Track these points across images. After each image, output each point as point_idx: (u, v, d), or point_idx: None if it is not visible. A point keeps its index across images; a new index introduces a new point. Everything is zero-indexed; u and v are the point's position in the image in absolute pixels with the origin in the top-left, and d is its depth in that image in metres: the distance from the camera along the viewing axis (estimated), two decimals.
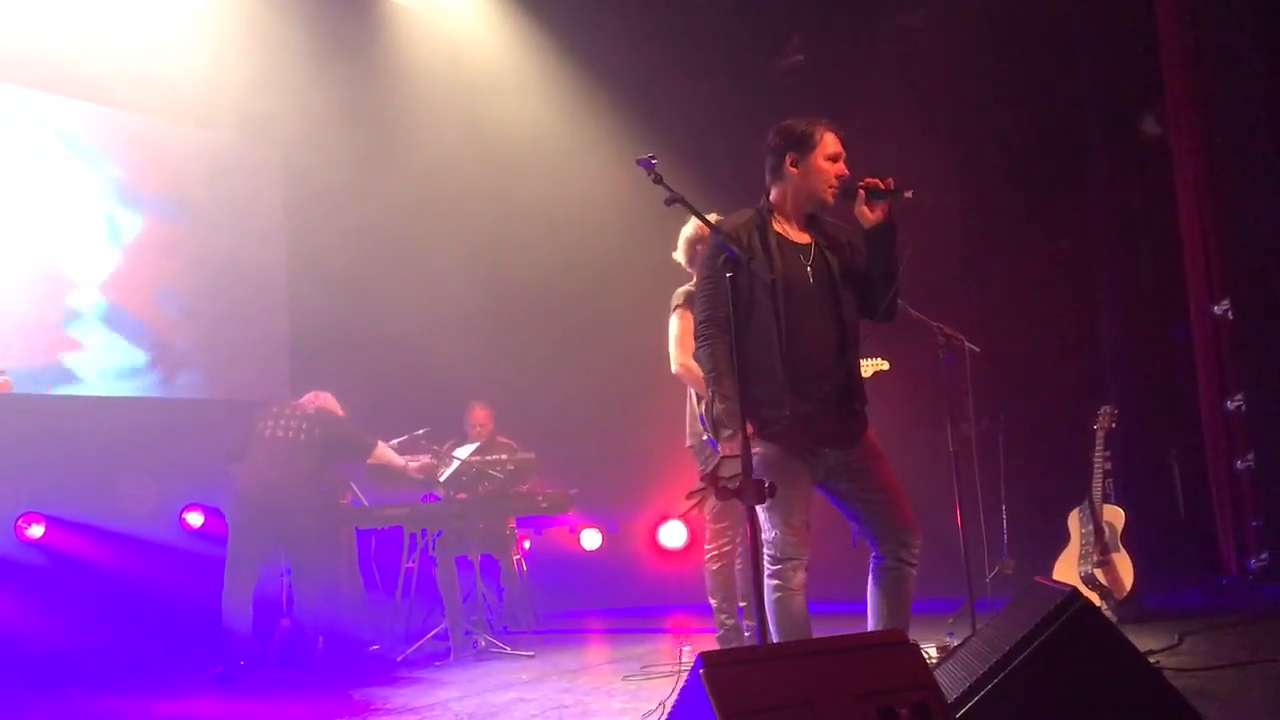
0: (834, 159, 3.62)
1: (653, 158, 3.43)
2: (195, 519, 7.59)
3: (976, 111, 7.61)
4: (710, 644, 6.29)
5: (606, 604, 8.33)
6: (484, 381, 7.85)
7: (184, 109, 7.75)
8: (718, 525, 4.98)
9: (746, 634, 5.02)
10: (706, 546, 5.05)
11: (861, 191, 3.56)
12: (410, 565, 6.96)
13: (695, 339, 3.64)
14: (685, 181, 3.54)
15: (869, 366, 5.26)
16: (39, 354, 7.23)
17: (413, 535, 6.94)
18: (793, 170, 3.63)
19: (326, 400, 6.57)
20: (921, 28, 8.13)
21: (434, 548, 6.74)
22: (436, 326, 8.13)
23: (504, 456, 6.90)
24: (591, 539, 8.48)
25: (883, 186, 3.54)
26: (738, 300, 3.37)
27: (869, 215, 3.56)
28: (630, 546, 8.51)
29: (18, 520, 6.93)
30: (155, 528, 7.40)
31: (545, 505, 7.03)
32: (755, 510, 3.25)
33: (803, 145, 3.61)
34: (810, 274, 3.59)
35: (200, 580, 7.09)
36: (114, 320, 7.62)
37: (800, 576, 3.51)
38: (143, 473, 7.54)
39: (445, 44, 8.27)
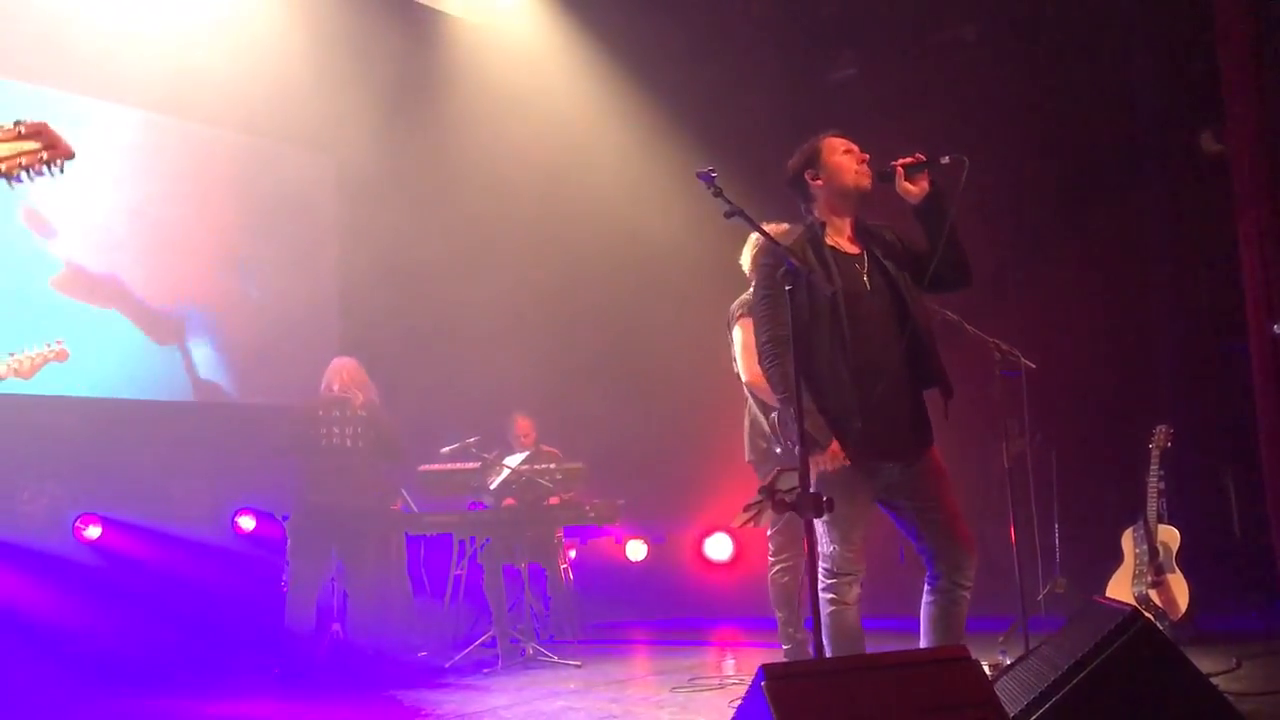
0: (847, 152, 3.69)
1: (712, 171, 3.43)
2: (247, 523, 7.68)
3: (1028, 124, 7.55)
4: (757, 657, 6.28)
5: (651, 615, 8.33)
6: (529, 391, 7.89)
7: (243, 119, 7.86)
8: (781, 538, 4.95)
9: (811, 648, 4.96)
10: (771, 559, 5.01)
11: (900, 169, 3.59)
12: (459, 572, 7.01)
13: (760, 358, 3.65)
14: (741, 194, 3.55)
15: None
16: (98, 358, 7.35)
17: (461, 542, 7.00)
18: (817, 183, 3.69)
19: (353, 372, 6.58)
20: (974, 40, 8.08)
21: (481, 555, 6.80)
22: (484, 335, 8.19)
23: (552, 466, 6.93)
24: (637, 550, 8.49)
25: (915, 161, 3.58)
26: (798, 315, 3.39)
27: (912, 190, 3.60)
28: (676, 558, 8.51)
29: (76, 521, 7.05)
30: (208, 530, 7.50)
31: (593, 515, 7.05)
32: (813, 524, 3.25)
33: (814, 160, 3.70)
34: (867, 282, 3.62)
35: (251, 583, 7.19)
36: (171, 325, 7.72)
37: (855, 591, 3.52)
38: (196, 476, 7.65)
39: (500, 55, 8.33)
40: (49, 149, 2.39)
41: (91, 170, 7.36)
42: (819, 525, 3.47)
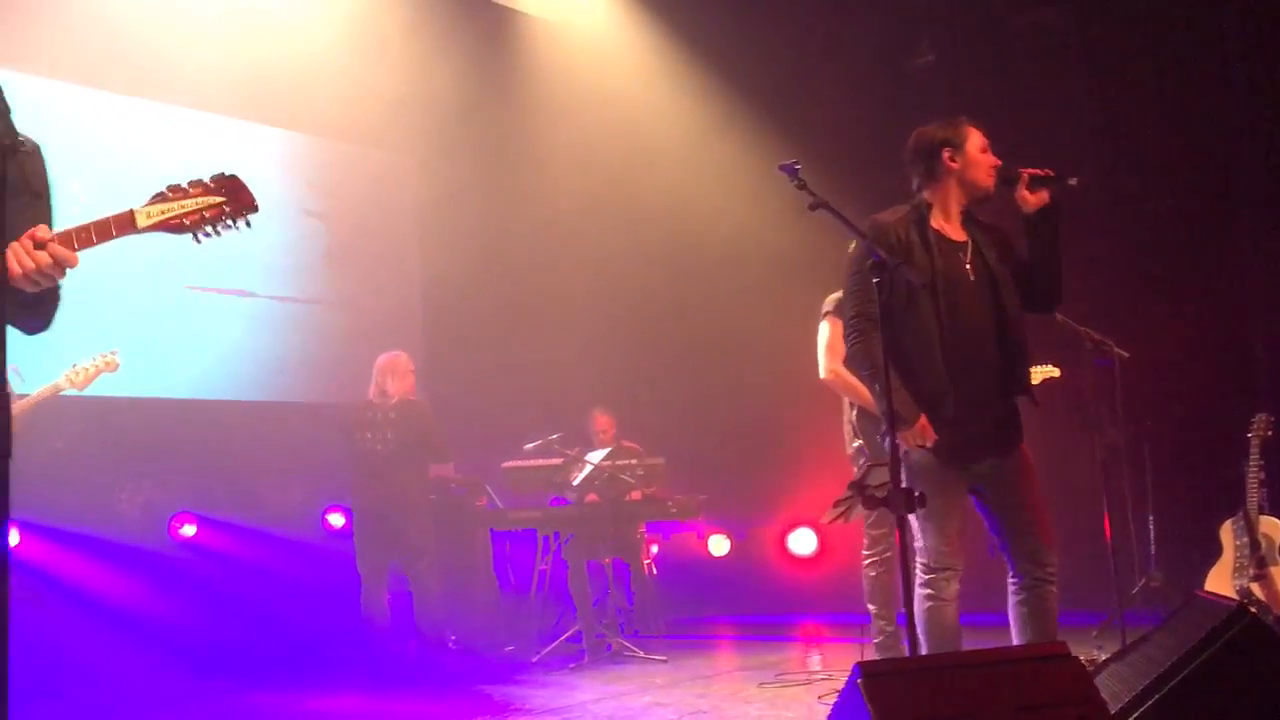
0: (985, 149, 3.66)
1: (796, 163, 3.42)
2: (337, 520, 7.81)
3: (1118, 112, 7.36)
4: (843, 653, 6.24)
5: (734, 610, 8.30)
6: (609, 387, 7.91)
7: (323, 123, 7.99)
8: (876, 531, 4.90)
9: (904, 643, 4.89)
10: (865, 552, 4.96)
11: (1025, 175, 3.55)
12: (543, 567, 7.05)
13: (845, 337, 3.64)
14: (823, 183, 3.52)
15: (1039, 373, 5.08)
16: (193, 360, 7.53)
17: (545, 538, 7.04)
18: (953, 165, 3.63)
19: (398, 364, 6.62)
20: (1058, 25, 7.90)
21: (565, 550, 6.84)
22: (565, 332, 8.24)
23: (634, 461, 6.94)
24: (719, 545, 8.47)
25: (1044, 175, 3.54)
26: (895, 298, 3.39)
27: (1031, 200, 3.56)
28: (758, 553, 8.46)
29: (172, 520, 7.23)
30: (299, 527, 7.65)
31: (675, 511, 7.05)
32: (905, 518, 3.22)
33: (955, 140, 3.64)
34: (970, 271, 3.57)
35: (342, 579, 7.31)
36: (261, 328, 7.89)
37: (954, 588, 3.46)
38: (287, 474, 7.80)
39: (577, 52, 8.37)
40: (234, 202, 2.38)
41: (181, 176, 7.54)
42: (914, 520, 3.44)
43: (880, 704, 2.36)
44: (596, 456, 6.78)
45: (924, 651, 3.37)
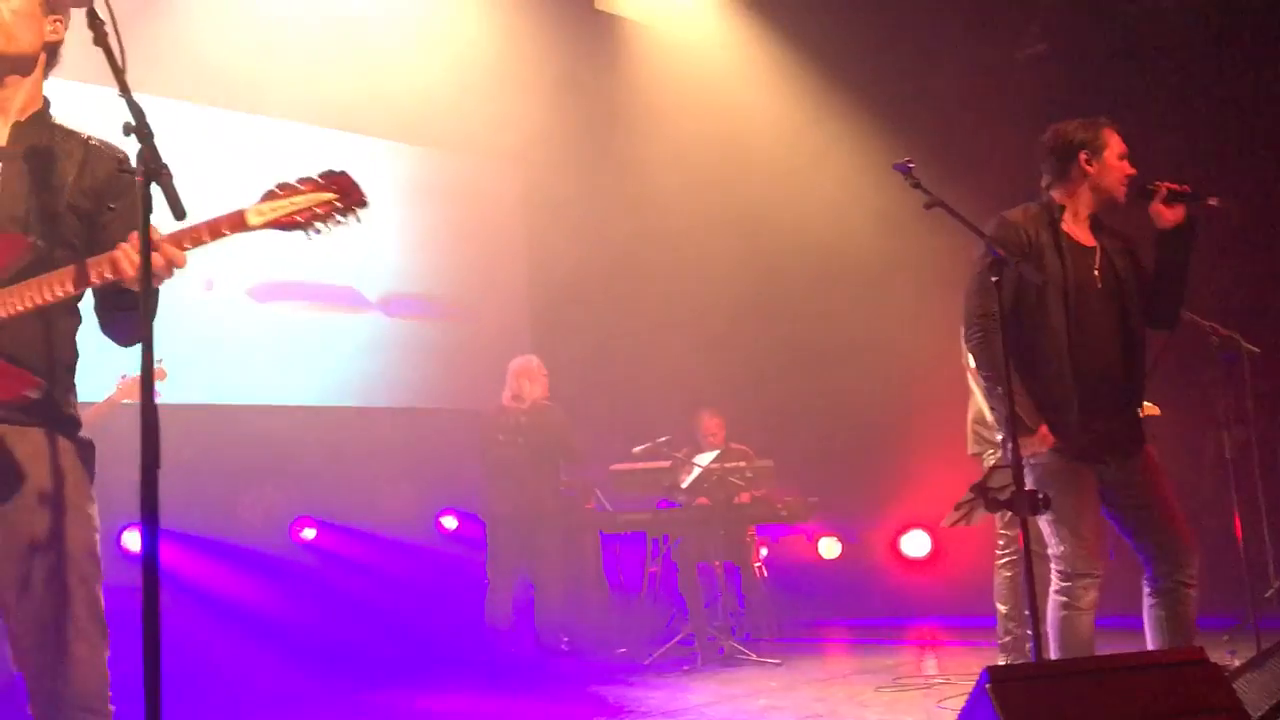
0: (1123, 157, 3.58)
1: (910, 162, 3.38)
2: (450, 522, 7.96)
3: (1246, 102, 7.08)
4: (960, 656, 6.14)
5: (846, 613, 8.22)
6: (717, 389, 7.90)
7: (429, 134, 8.13)
8: (1010, 531, 4.80)
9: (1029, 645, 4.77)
10: (998, 552, 4.86)
11: (1163, 189, 3.47)
12: (653, 570, 7.08)
13: (966, 337, 3.59)
14: (934, 178, 3.47)
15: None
16: (311, 368, 7.74)
17: (654, 540, 7.07)
18: (1088, 168, 3.57)
19: (532, 367, 6.70)
20: (1176, 8, 7.64)
21: (675, 553, 6.86)
22: (672, 334, 8.25)
23: (743, 464, 6.92)
24: (830, 548, 8.39)
25: (1182, 191, 3.47)
26: (1023, 299, 3.36)
27: (1166, 215, 3.48)
28: (870, 555, 8.36)
29: (292, 523, 7.44)
30: (414, 530, 7.81)
31: (785, 513, 7.02)
32: (1028, 521, 3.15)
33: (1094, 144, 3.57)
34: (1098, 278, 3.52)
35: (456, 581, 7.44)
36: (373, 336, 8.07)
37: (1092, 596, 3.36)
38: (401, 479, 7.96)
39: (681, 56, 8.37)
40: (344, 198, 2.39)
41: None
42: (1046, 526, 3.38)
43: (1010, 710, 2.32)
44: (705, 459, 6.78)
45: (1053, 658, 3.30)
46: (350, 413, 7.81)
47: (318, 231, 2.38)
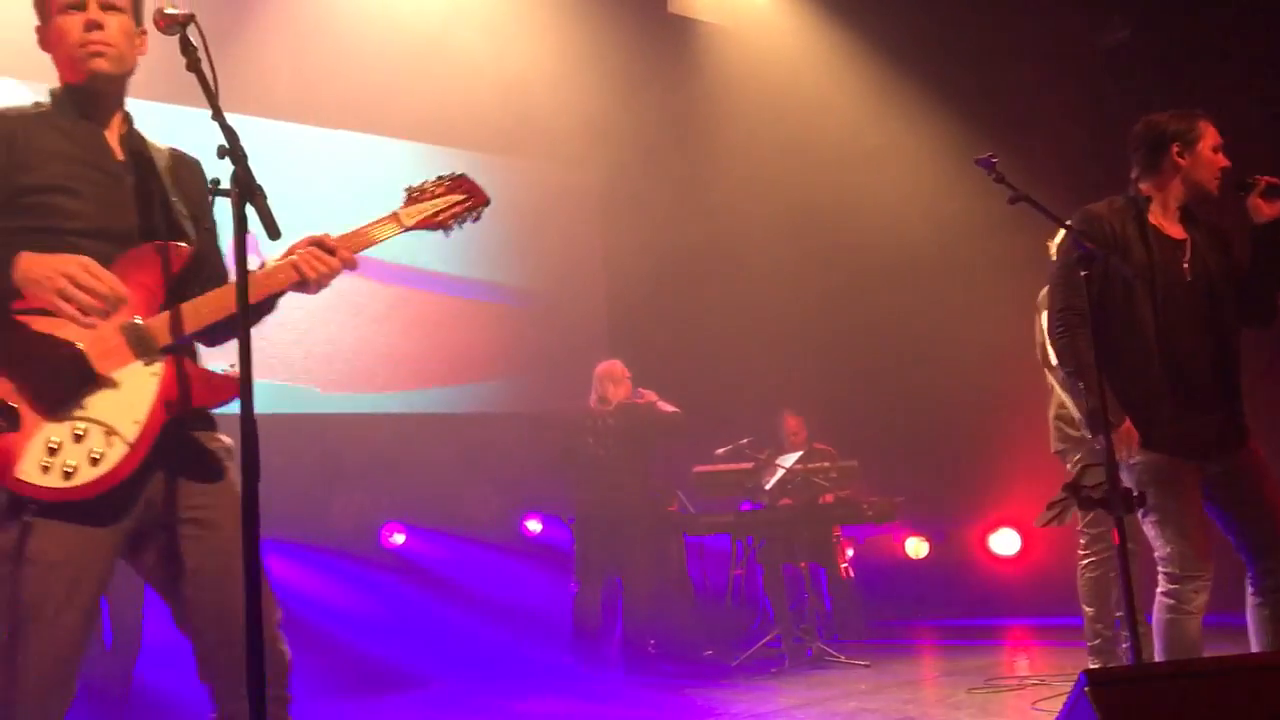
0: (1217, 149, 3.50)
1: (992, 156, 3.33)
2: (534, 526, 8.03)
3: None
4: (1052, 657, 6.03)
5: (935, 613, 8.12)
6: (798, 389, 7.86)
7: (505, 142, 8.20)
8: (1094, 530, 4.70)
9: (1124, 646, 4.66)
10: (1081, 552, 4.76)
11: (1262, 183, 3.39)
12: (738, 571, 7.06)
13: (1049, 332, 3.53)
14: (1017, 170, 3.41)
15: None
16: (398, 378, 7.87)
17: (738, 542, 7.05)
18: (1181, 161, 3.49)
19: (616, 370, 6.73)
20: None
21: (759, 555, 6.84)
22: (751, 335, 8.22)
23: (827, 464, 6.88)
24: (917, 547, 8.29)
25: None
26: (1110, 294, 3.32)
27: (1264, 209, 3.38)
28: (958, 554, 8.25)
29: (382, 529, 7.57)
30: (499, 534, 7.89)
31: (870, 513, 6.96)
32: (1123, 520, 3.08)
33: (1187, 136, 3.49)
34: (1187, 270, 3.43)
35: (541, 584, 7.50)
36: (459, 343, 8.17)
37: (1202, 599, 3.26)
38: (486, 483, 8.06)
39: (756, 57, 8.33)
40: (470, 198, 2.63)
41: (375, 201, 7.89)
42: (1150, 527, 3.30)
43: (1111, 714, 2.27)
44: (789, 460, 6.75)
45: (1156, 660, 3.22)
46: (435, 419, 7.93)
47: (452, 229, 2.65)
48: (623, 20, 7.76)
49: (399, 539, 7.58)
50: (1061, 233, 4.71)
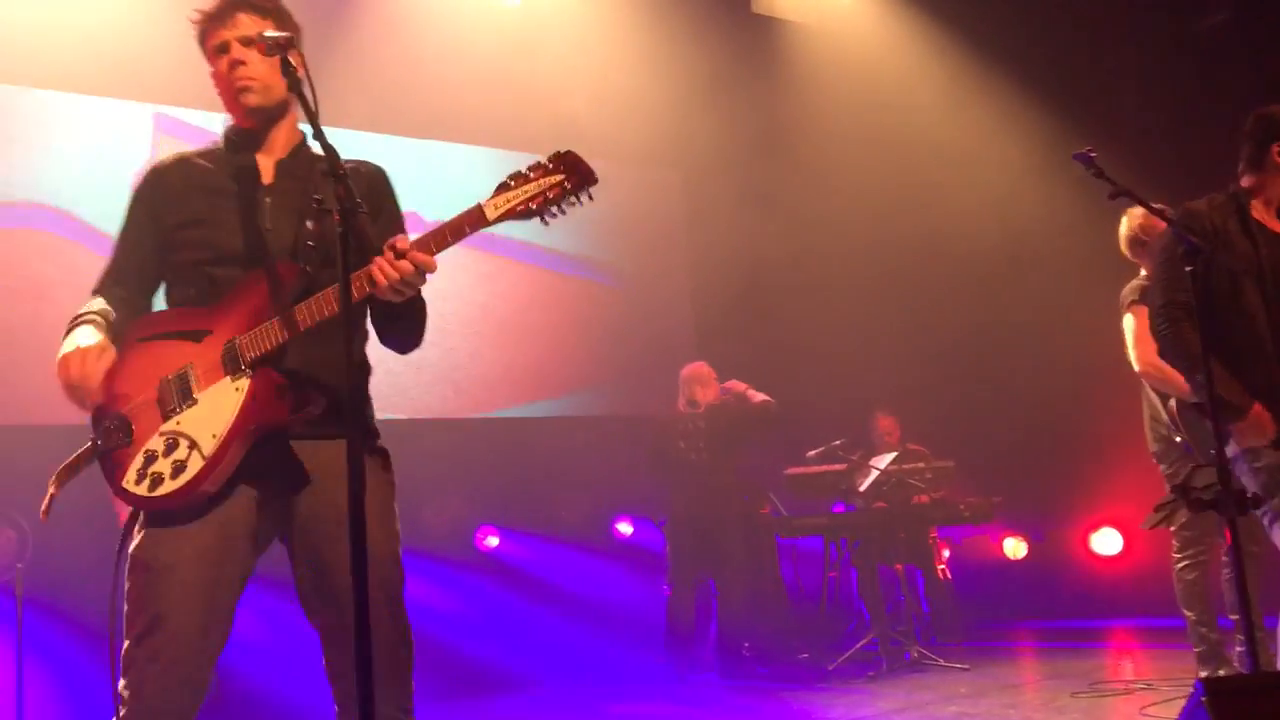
0: None
1: (1091, 151, 3.26)
2: (625, 528, 8.06)
3: None
4: (1158, 660, 5.87)
5: (1035, 615, 7.96)
6: (890, 388, 7.76)
7: (588, 145, 8.23)
8: (1189, 532, 4.54)
9: (1237, 649, 4.50)
10: (1176, 555, 4.60)
11: None
12: (832, 574, 7.00)
13: (1152, 327, 3.45)
14: (1113, 160, 3.33)
15: None
16: (486, 383, 7.96)
17: (832, 544, 6.99)
18: (1278, 160, 3.45)
19: (703, 373, 6.72)
20: None
21: (854, 557, 6.77)
22: (841, 333, 8.14)
23: (922, 465, 6.78)
24: (1016, 548, 8.13)
25: None
26: (1217, 288, 3.27)
27: None
28: (1058, 555, 8.06)
29: (476, 531, 7.67)
30: (590, 536, 7.93)
31: (967, 514, 6.85)
32: (1235, 521, 2.99)
33: None
34: None
35: (633, 586, 7.53)
36: (549, 347, 8.24)
37: None
38: (576, 486, 8.11)
39: (839, 54, 8.25)
40: (573, 177, 2.39)
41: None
42: (1274, 528, 3.19)
43: None
44: (883, 461, 6.67)
45: None
46: (527, 422, 8.00)
47: (553, 215, 2.41)
48: (707, 22, 7.75)
49: (493, 542, 7.67)
50: (1126, 224, 4.62)
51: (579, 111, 7.78)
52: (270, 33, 2.36)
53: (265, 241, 2.47)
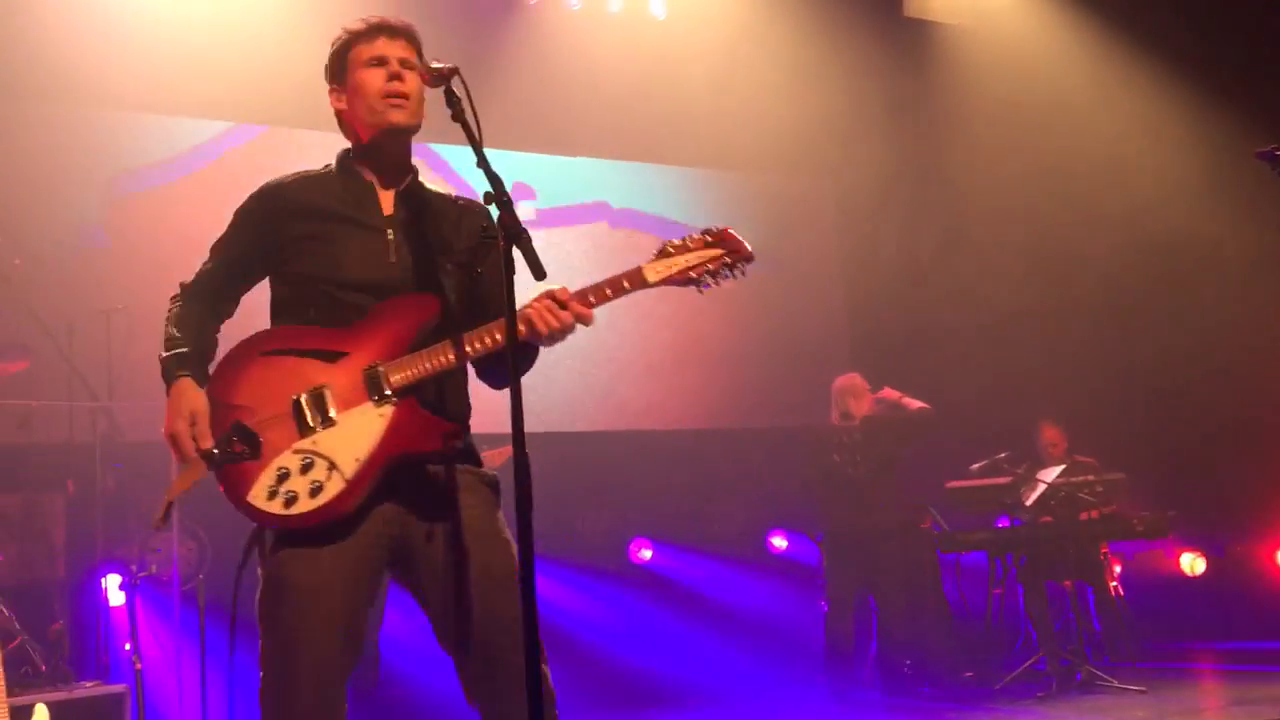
0: None
1: (1276, 149, 3.09)
2: (780, 542, 7.99)
3: None
4: None
5: (1214, 635, 7.54)
6: (1055, 397, 7.49)
7: (736, 158, 8.21)
8: None
9: None
10: None
11: None
12: (997, 590, 6.78)
13: None
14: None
15: None
16: (639, 395, 8.01)
17: (997, 560, 6.77)
18: None
19: (856, 384, 6.59)
20: None
21: (1020, 573, 6.55)
22: (1002, 342, 7.89)
23: (1091, 478, 6.51)
24: (1194, 564, 7.73)
25: None
26: None
27: None
28: (1241, 571, 7.61)
29: (630, 544, 7.71)
30: (744, 550, 7.88)
31: (1141, 529, 6.54)
32: None
33: None
34: None
35: (789, 601, 7.44)
36: (701, 357, 8.23)
37: None
38: (730, 498, 8.08)
39: (994, 56, 7.99)
40: (732, 253, 2.54)
41: (621, 220, 8.08)
42: None
43: None
44: (1050, 474, 6.44)
45: None
46: (678, 435, 8.01)
47: (708, 285, 2.54)
48: (857, 27, 7.62)
49: (646, 554, 7.70)
50: None
51: (730, 122, 7.76)
52: (436, 63, 2.42)
53: (394, 271, 2.50)
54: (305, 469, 2.36)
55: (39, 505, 5.74)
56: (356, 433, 2.39)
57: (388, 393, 2.41)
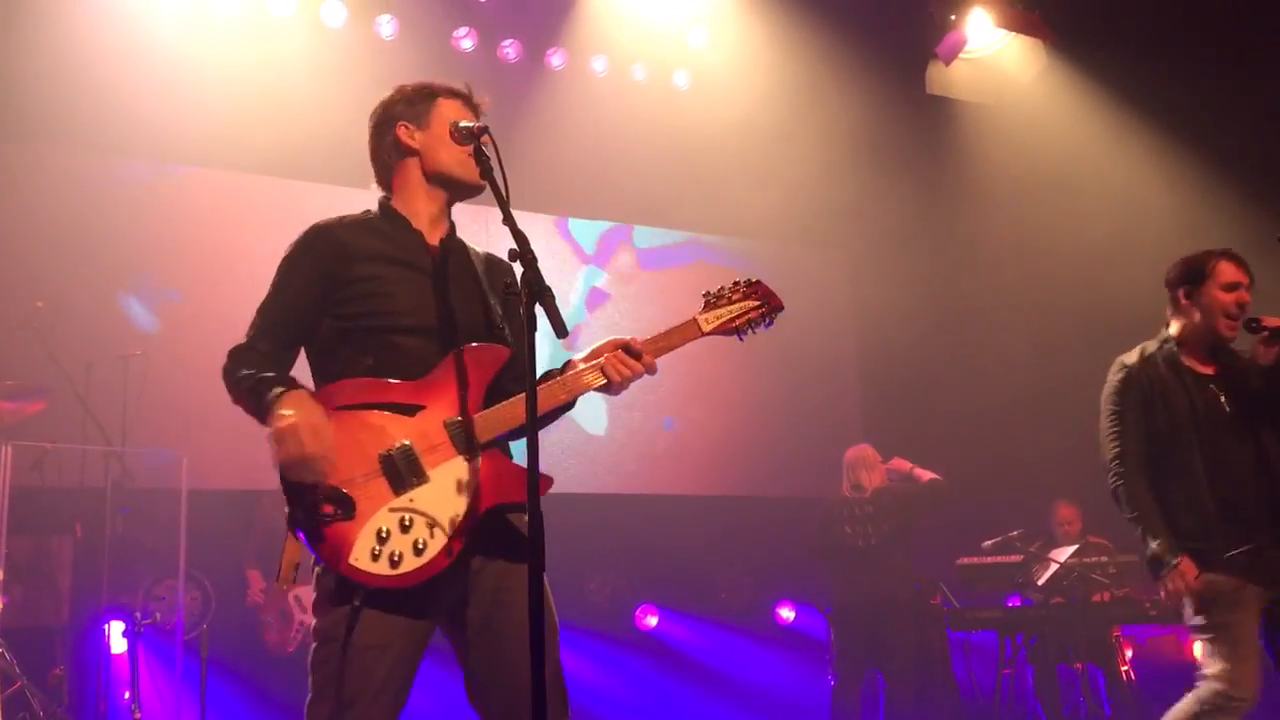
0: (1230, 288, 3.62)
1: None
2: (787, 613, 7.90)
3: None
4: None
5: None
6: (1070, 475, 7.42)
7: (754, 226, 8.27)
8: None
9: None
10: None
11: (1265, 332, 3.52)
12: (1006, 671, 6.68)
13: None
14: None
15: None
16: (646, 458, 7.99)
17: (1007, 640, 6.67)
18: (1186, 303, 3.69)
19: (868, 456, 6.55)
20: None
21: (1030, 654, 6.45)
22: (1016, 419, 7.86)
23: (1104, 559, 6.44)
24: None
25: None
26: (1157, 433, 3.60)
27: (1264, 354, 3.54)
28: None
29: (637, 609, 7.64)
30: (750, 620, 7.80)
31: (1154, 613, 6.44)
32: None
33: (1196, 279, 3.68)
34: (1225, 404, 3.57)
35: (795, 674, 7.35)
36: (710, 427, 8.22)
37: None
38: (738, 567, 8.01)
39: (1019, 135, 8.05)
40: (765, 304, 2.74)
41: (658, 284, 8.13)
42: (1205, 643, 3.50)
43: None
44: (1063, 554, 6.37)
45: None
46: (686, 501, 7.97)
47: (746, 334, 2.74)
48: (878, 102, 7.70)
49: (652, 621, 7.63)
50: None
51: (747, 192, 7.83)
52: (464, 123, 2.46)
53: (454, 319, 2.51)
54: (405, 528, 2.33)
55: (48, 548, 5.74)
56: (452, 488, 2.38)
57: (478, 445, 2.41)
